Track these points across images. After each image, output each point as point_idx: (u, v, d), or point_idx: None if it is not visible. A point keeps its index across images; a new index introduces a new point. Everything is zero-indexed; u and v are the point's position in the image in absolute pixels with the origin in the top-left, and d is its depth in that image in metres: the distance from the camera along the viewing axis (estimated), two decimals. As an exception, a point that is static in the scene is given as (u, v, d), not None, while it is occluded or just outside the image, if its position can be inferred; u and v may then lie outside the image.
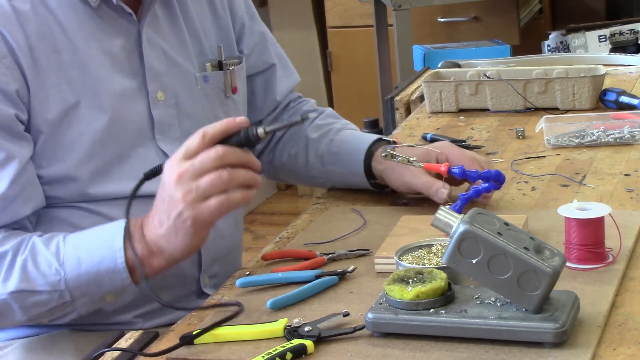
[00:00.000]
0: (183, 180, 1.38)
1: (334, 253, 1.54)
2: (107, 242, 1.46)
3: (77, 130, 1.56)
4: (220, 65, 1.74)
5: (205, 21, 1.75)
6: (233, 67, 1.76)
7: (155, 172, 1.44)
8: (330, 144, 1.82)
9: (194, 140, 1.39)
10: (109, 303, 1.53)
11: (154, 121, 1.64)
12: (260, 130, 1.40)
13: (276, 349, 1.24)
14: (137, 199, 1.44)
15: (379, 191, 1.79)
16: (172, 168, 1.40)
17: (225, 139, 1.39)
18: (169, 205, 1.40)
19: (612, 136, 1.97)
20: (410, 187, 1.70)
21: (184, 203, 1.38)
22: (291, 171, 1.89)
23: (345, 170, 1.80)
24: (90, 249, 1.47)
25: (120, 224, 1.46)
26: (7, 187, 1.50)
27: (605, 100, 2.19)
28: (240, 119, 1.40)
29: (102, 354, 1.33)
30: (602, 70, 2.22)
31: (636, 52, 3.00)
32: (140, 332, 1.39)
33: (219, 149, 1.38)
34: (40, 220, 1.58)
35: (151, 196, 1.46)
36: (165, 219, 1.41)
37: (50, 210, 1.58)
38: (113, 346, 1.36)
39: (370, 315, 1.27)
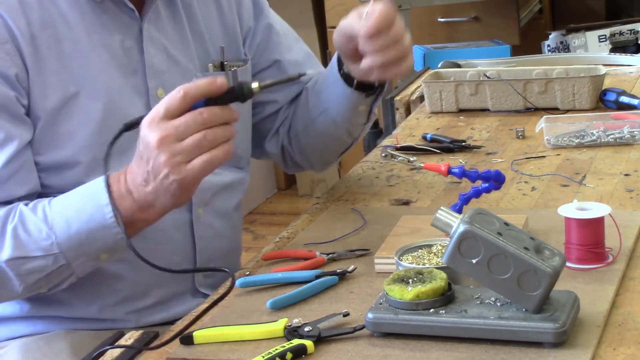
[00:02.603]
0: (166, 143, 1.38)
1: (334, 253, 1.54)
2: (92, 200, 1.46)
3: (77, 120, 1.57)
4: (222, 67, 1.74)
5: (211, 22, 1.75)
6: (236, 68, 1.75)
7: (135, 123, 1.43)
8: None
9: (174, 100, 1.39)
10: (104, 261, 1.52)
11: None
12: (254, 85, 1.41)
13: (276, 349, 1.24)
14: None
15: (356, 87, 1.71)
16: (153, 129, 1.39)
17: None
18: (154, 167, 1.40)
19: (612, 136, 1.97)
20: (345, 34, 1.60)
21: (169, 167, 1.38)
22: (307, 129, 1.84)
23: (327, 83, 1.77)
24: (78, 208, 1.47)
25: (100, 181, 1.46)
26: (1, 166, 1.51)
27: (605, 100, 2.19)
28: (221, 81, 1.40)
29: (102, 353, 1.33)
30: (602, 70, 2.22)
31: (636, 52, 3.00)
32: (140, 332, 1.39)
33: (203, 114, 1.38)
34: None
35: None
36: (151, 180, 1.41)
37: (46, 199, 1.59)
38: (115, 345, 1.36)
39: (370, 315, 1.27)
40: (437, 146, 2.02)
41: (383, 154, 1.68)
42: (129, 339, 1.37)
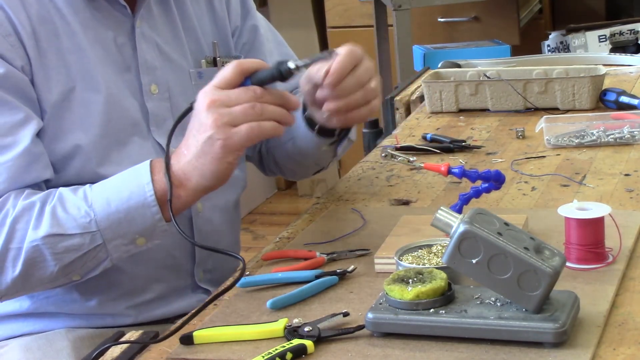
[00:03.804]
0: (215, 106, 1.41)
1: (334, 253, 1.54)
2: (134, 179, 1.48)
3: (77, 113, 1.58)
4: (215, 62, 1.75)
5: (202, 19, 1.76)
6: (228, 63, 1.76)
7: (186, 112, 1.48)
8: None
9: (227, 71, 1.43)
10: (140, 247, 1.52)
11: (149, 113, 1.65)
12: (291, 64, 1.44)
13: (276, 349, 1.24)
14: None
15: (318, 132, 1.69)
16: (206, 95, 1.43)
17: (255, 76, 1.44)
18: (199, 130, 1.43)
19: (612, 136, 1.97)
20: (310, 80, 1.56)
21: (215, 127, 1.41)
22: (278, 149, 1.84)
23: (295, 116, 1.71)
24: (119, 187, 1.49)
25: (146, 162, 1.49)
26: (30, 142, 1.52)
27: (605, 100, 2.19)
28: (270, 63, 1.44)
29: (102, 352, 1.33)
30: (602, 70, 2.22)
31: (636, 52, 3.00)
32: (140, 332, 1.39)
33: (257, 89, 1.42)
34: None
35: None
36: (193, 144, 1.44)
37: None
38: (117, 341, 1.36)
39: (370, 315, 1.27)
40: (437, 146, 2.02)
41: (383, 154, 1.68)
42: (129, 338, 1.37)
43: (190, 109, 1.46)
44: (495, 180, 1.62)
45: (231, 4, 1.82)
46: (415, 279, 1.29)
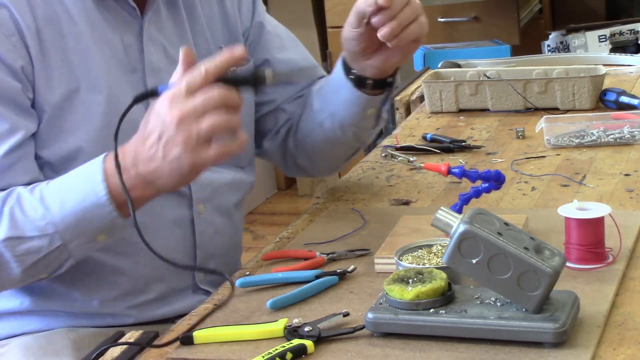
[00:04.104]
0: (185, 122, 1.36)
1: (334, 253, 1.54)
2: (88, 178, 1.46)
3: (79, 113, 1.58)
4: None
5: (213, 22, 1.75)
6: (235, 68, 1.75)
7: (146, 95, 1.43)
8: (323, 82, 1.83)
9: (195, 78, 1.38)
10: (102, 243, 1.51)
11: None
12: (268, 72, 1.40)
13: (276, 349, 1.24)
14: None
15: (361, 87, 1.70)
16: (173, 105, 1.37)
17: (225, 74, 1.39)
18: (166, 144, 1.38)
19: (612, 136, 1.97)
20: (355, 20, 1.61)
21: (184, 147, 1.37)
22: (313, 133, 1.82)
23: (333, 87, 1.75)
24: (73, 188, 1.47)
25: (98, 159, 1.46)
26: (1, 156, 1.51)
27: (605, 100, 2.19)
28: (239, 52, 1.39)
29: (102, 352, 1.33)
30: (602, 70, 2.22)
31: (636, 52, 3.00)
32: (140, 332, 1.39)
33: (222, 92, 1.37)
34: None
35: None
36: (159, 157, 1.40)
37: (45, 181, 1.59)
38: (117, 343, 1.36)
39: (370, 315, 1.27)
40: (437, 146, 2.02)
41: (383, 154, 1.68)
42: (129, 338, 1.37)
43: (134, 103, 1.42)
44: (495, 180, 1.62)
45: (243, 5, 1.81)
46: (415, 279, 1.29)
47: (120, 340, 1.36)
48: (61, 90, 1.57)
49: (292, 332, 1.29)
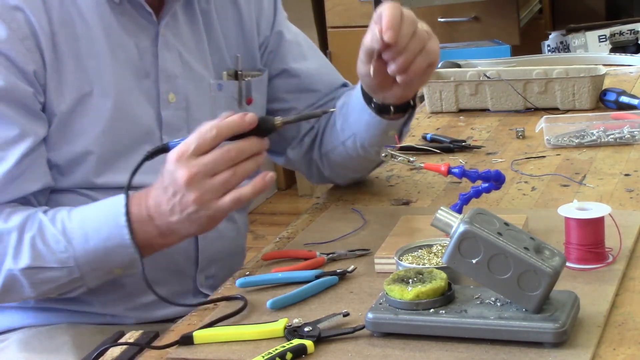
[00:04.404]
0: (196, 181, 1.41)
1: (334, 253, 1.54)
2: (112, 219, 1.49)
3: (89, 118, 1.58)
4: (236, 76, 1.74)
5: (229, 30, 1.75)
6: (250, 78, 1.76)
7: (157, 151, 1.46)
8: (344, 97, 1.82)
9: (206, 138, 1.41)
10: (117, 275, 1.55)
11: (162, 122, 1.65)
12: (277, 121, 1.44)
13: (276, 349, 1.24)
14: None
15: (382, 113, 1.69)
16: (182, 165, 1.41)
17: None
18: (182, 202, 1.43)
19: (612, 136, 1.97)
20: (365, 57, 1.58)
21: (199, 203, 1.42)
22: (336, 150, 1.82)
23: (354, 109, 1.74)
24: (96, 225, 1.50)
25: (120, 205, 1.48)
26: (14, 164, 1.53)
27: (605, 100, 2.19)
28: (250, 118, 1.42)
29: (102, 352, 1.33)
30: (602, 70, 2.22)
31: (636, 52, 3.00)
32: (140, 332, 1.39)
33: (231, 151, 1.41)
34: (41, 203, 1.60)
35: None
36: (177, 212, 1.44)
37: (52, 194, 1.61)
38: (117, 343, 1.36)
39: (370, 315, 1.27)
40: (437, 146, 2.02)
41: (383, 154, 1.68)
42: (129, 338, 1.37)
43: (145, 160, 1.46)
44: (495, 180, 1.62)
45: (263, 14, 1.81)
46: (415, 279, 1.29)
47: (120, 340, 1.37)
48: (73, 94, 1.57)
49: (292, 332, 1.29)
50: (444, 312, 1.25)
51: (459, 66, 2.49)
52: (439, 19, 4.17)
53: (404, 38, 1.51)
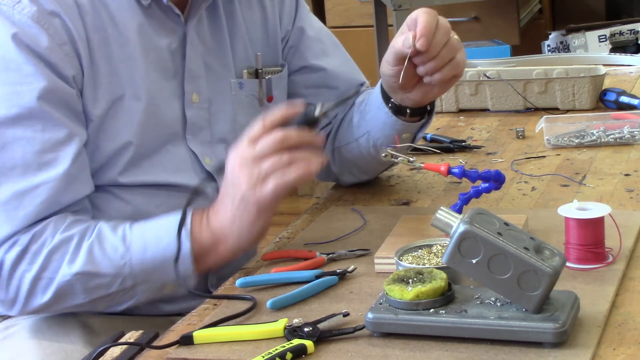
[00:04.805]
0: (245, 164, 1.45)
1: (334, 253, 1.54)
2: (172, 230, 1.50)
3: (121, 121, 1.60)
4: (256, 74, 1.75)
5: (253, 27, 1.76)
6: (270, 76, 1.76)
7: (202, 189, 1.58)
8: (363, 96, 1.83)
9: (255, 127, 1.46)
10: (166, 293, 1.56)
11: (187, 122, 1.66)
12: (317, 111, 1.47)
13: (276, 349, 1.24)
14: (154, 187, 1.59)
15: (399, 114, 1.70)
16: (236, 154, 1.47)
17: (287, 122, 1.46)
18: (234, 190, 1.47)
19: (612, 136, 1.97)
20: (393, 60, 1.60)
21: (247, 186, 1.45)
22: (349, 146, 1.83)
23: (372, 107, 1.76)
24: (157, 235, 1.51)
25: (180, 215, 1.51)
26: (70, 164, 1.54)
27: (605, 100, 2.19)
28: (298, 105, 1.47)
29: (102, 352, 1.33)
30: (602, 70, 2.22)
31: (636, 52, 3.00)
32: (140, 332, 1.39)
33: (278, 134, 1.45)
34: None
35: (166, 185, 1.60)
36: (229, 205, 1.48)
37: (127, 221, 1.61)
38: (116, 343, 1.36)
39: (370, 315, 1.27)
40: (437, 146, 2.02)
41: (383, 154, 1.68)
42: (129, 338, 1.37)
43: (192, 197, 1.51)
44: (495, 180, 1.62)
45: (284, 8, 1.82)
46: (415, 279, 1.29)
47: (120, 340, 1.37)
48: (107, 98, 1.58)
49: (292, 332, 1.29)
50: (444, 312, 1.25)
51: (459, 66, 2.49)
52: (439, 19, 4.16)
53: (436, 46, 1.55)
